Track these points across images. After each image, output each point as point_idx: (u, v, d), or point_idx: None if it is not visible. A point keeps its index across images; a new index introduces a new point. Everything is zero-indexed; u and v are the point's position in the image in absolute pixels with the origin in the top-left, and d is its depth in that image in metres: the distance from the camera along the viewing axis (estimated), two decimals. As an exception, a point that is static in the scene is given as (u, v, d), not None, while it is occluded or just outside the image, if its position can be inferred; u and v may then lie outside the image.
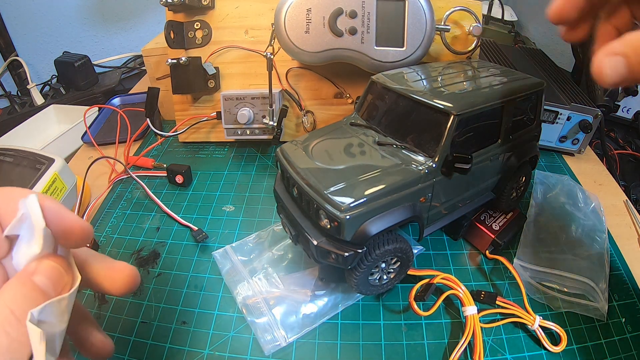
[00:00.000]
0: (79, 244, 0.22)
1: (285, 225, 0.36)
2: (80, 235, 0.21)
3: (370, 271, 0.33)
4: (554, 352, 0.33)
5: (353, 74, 0.51)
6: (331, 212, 0.29)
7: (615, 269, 0.40)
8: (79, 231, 0.21)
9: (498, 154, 0.37)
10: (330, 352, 0.34)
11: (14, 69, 0.89)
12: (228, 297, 0.38)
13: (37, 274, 0.19)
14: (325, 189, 0.30)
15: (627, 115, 0.69)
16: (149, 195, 0.49)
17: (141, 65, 0.92)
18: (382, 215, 0.31)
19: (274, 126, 0.49)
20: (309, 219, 0.33)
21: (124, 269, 0.24)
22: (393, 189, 0.30)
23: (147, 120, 0.53)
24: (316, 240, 0.31)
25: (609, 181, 0.52)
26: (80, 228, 0.21)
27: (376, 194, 0.30)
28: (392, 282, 0.36)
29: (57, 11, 0.91)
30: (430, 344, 0.34)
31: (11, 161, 0.43)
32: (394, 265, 0.35)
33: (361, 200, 0.29)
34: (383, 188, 0.30)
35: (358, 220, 0.30)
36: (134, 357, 0.34)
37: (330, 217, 0.29)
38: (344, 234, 0.30)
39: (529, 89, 0.37)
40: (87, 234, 0.22)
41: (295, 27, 0.43)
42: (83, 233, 0.21)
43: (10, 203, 0.20)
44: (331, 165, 0.33)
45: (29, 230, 0.19)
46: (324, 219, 0.30)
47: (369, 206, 0.30)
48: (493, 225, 0.40)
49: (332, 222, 0.30)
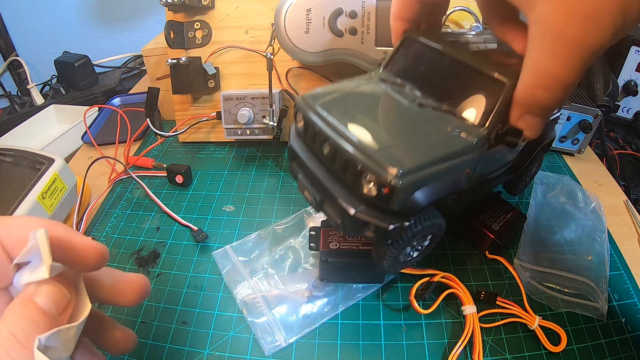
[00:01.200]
0: (96, 267, 0.22)
1: (305, 189, 0.30)
2: (96, 259, 0.21)
3: (406, 248, 0.30)
4: (554, 352, 0.33)
5: (353, 74, 0.50)
6: (382, 176, 0.24)
7: (615, 269, 0.40)
8: (94, 255, 0.21)
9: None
10: (330, 352, 0.34)
11: (14, 69, 0.89)
12: (228, 297, 0.38)
13: (38, 295, 0.19)
14: (374, 148, 0.25)
15: (627, 115, 0.69)
16: (149, 195, 0.49)
17: (141, 65, 0.92)
18: (434, 185, 0.27)
19: (274, 126, 0.49)
20: (341, 183, 0.28)
21: (133, 281, 0.25)
22: (447, 157, 0.26)
23: (147, 120, 0.53)
24: (353, 209, 0.26)
25: (609, 181, 0.52)
26: (95, 252, 0.21)
27: (432, 159, 0.26)
28: (417, 259, 0.33)
29: (57, 11, 0.91)
30: (430, 343, 0.34)
31: (11, 161, 0.43)
32: (426, 241, 0.32)
33: (417, 164, 0.25)
34: (438, 154, 0.26)
35: (411, 188, 0.25)
36: (134, 357, 0.34)
37: (378, 182, 0.25)
38: (394, 203, 0.25)
39: None
40: (103, 257, 0.22)
41: (295, 27, 0.43)
42: (98, 256, 0.21)
43: (22, 233, 0.20)
44: (375, 123, 0.28)
45: (37, 260, 0.19)
46: (369, 184, 0.25)
47: (423, 173, 0.25)
48: (493, 225, 0.40)
49: (380, 188, 0.25)
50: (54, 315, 0.19)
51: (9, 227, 0.20)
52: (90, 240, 0.21)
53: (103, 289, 0.24)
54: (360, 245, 0.36)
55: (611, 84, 0.57)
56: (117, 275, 0.25)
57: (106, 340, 0.25)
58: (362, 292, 0.37)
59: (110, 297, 0.24)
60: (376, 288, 0.38)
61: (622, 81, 0.66)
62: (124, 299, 0.24)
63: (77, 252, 0.21)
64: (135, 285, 0.24)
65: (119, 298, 0.24)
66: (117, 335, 0.25)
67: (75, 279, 0.21)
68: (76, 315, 0.20)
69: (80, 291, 0.21)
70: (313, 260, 0.40)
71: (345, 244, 0.36)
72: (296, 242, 0.42)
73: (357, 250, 0.35)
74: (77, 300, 0.21)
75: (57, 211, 0.43)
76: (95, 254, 0.21)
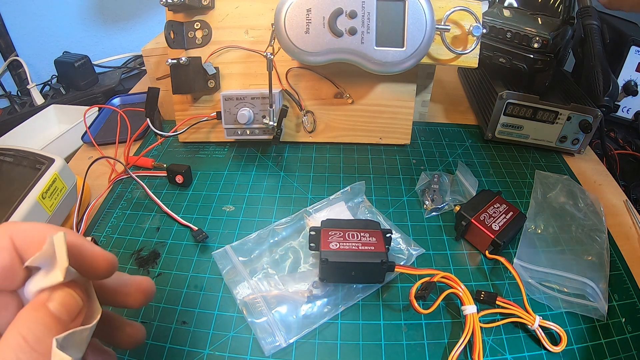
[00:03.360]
0: (105, 276, 0.22)
1: None
2: (106, 268, 0.22)
3: None
4: (554, 352, 0.33)
5: (353, 74, 0.51)
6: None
7: (615, 269, 0.40)
8: (104, 264, 0.21)
9: None
10: (330, 352, 0.34)
11: (14, 69, 0.89)
12: (228, 297, 0.38)
13: (52, 301, 0.19)
14: None
15: (627, 115, 0.69)
16: (149, 195, 0.49)
17: (141, 65, 0.92)
18: None
19: (274, 126, 0.49)
20: None
21: (140, 284, 0.25)
22: None
23: (147, 120, 0.53)
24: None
25: (609, 181, 0.52)
26: (105, 261, 0.21)
27: None
28: None
29: (57, 11, 0.91)
30: (430, 343, 0.34)
31: (11, 161, 0.43)
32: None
33: None
34: None
35: None
36: (134, 357, 0.34)
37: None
38: None
39: None
40: (113, 266, 0.22)
41: (295, 27, 0.43)
42: (108, 265, 0.22)
43: (35, 237, 0.20)
44: None
45: (49, 265, 0.19)
46: None
47: None
48: (493, 225, 0.40)
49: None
50: (66, 322, 0.19)
51: (24, 231, 0.20)
52: (101, 250, 0.22)
53: (110, 292, 0.24)
54: (361, 245, 0.36)
55: (611, 84, 0.57)
56: (124, 278, 0.25)
57: (118, 338, 0.25)
58: (362, 292, 0.37)
59: (117, 300, 0.24)
60: (376, 288, 0.38)
61: (622, 81, 0.66)
62: (132, 301, 0.25)
63: (88, 260, 0.21)
64: (143, 288, 0.25)
65: (126, 301, 0.25)
66: (127, 331, 0.25)
67: (86, 284, 0.22)
68: (87, 320, 0.21)
69: (91, 296, 0.22)
70: (313, 260, 0.40)
71: (345, 244, 0.36)
72: (296, 242, 0.42)
73: (357, 251, 0.36)
74: (88, 306, 0.21)
75: (57, 211, 0.43)
76: (105, 262, 0.21)
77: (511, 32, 0.52)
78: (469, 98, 0.69)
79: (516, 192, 0.49)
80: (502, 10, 0.55)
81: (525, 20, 0.52)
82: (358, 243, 0.36)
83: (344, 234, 0.37)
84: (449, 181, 0.49)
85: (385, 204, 0.47)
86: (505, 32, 0.52)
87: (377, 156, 0.55)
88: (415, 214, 0.46)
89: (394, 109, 0.54)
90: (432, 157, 0.55)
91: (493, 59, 0.54)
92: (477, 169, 0.53)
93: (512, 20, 0.52)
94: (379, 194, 0.49)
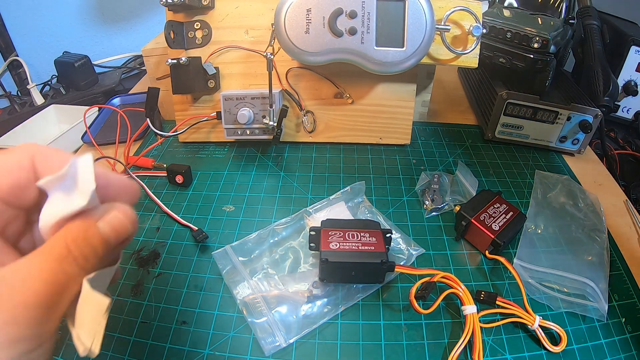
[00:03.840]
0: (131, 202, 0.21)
1: None
2: (130, 197, 0.21)
3: None
4: (554, 352, 0.33)
5: (353, 74, 0.51)
6: None
7: (615, 269, 0.40)
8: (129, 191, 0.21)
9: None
10: (330, 352, 0.34)
11: (14, 69, 0.89)
12: (228, 297, 0.38)
13: (103, 222, 0.18)
14: None
15: (627, 115, 0.69)
16: (149, 195, 0.49)
17: (141, 65, 0.92)
18: None
19: (274, 126, 0.49)
20: None
21: (125, 185, 0.23)
22: None
23: (147, 120, 0.53)
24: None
25: (609, 181, 0.52)
26: (131, 188, 0.21)
27: None
28: None
29: (57, 11, 0.91)
30: (430, 344, 0.34)
31: (11, 161, 0.43)
32: None
33: None
34: None
35: None
36: (133, 357, 0.34)
37: None
38: None
39: None
40: (136, 195, 0.22)
41: (295, 27, 0.43)
42: (133, 192, 0.21)
43: (59, 162, 0.19)
44: None
45: (66, 189, 0.18)
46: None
47: None
48: (493, 225, 0.40)
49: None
50: (112, 246, 0.18)
51: (46, 154, 0.20)
52: (125, 178, 0.21)
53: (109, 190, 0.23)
54: (361, 245, 0.36)
55: (611, 84, 0.57)
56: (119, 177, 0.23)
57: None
58: (362, 292, 0.37)
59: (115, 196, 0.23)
60: (376, 288, 0.38)
61: (622, 81, 0.66)
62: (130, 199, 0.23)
63: (113, 188, 0.20)
64: (129, 187, 0.23)
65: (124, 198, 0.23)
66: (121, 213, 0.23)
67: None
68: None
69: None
70: (313, 260, 0.40)
71: (345, 244, 0.36)
72: (296, 242, 0.42)
73: (357, 251, 0.36)
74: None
75: (57, 211, 0.43)
76: (132, 191, 0.21)
77: (511, 32, 0.52)
78: (469, 98, 0.69)
79: (516, 192, 0.50)
80: (502, 10, 0.55)
81: (525, 20, 0.52)
82: (358, 243, 0.36)
83: (344, 234, 0.37)
84: (449, 181, 0.49)
85: (385, 204, 0.47)
86: (505, 32, 0.52)
87: (377, 156, 0.55)
88: (415, 214, 0.46)
89: (394, 109, 0.54)
90: (432, 157, 0.55)
91: (493, 59, 0.54)
92: (477, 169, 0.53)
93: (512, 20, 0.52)
94: (379, 194, 0.49)
